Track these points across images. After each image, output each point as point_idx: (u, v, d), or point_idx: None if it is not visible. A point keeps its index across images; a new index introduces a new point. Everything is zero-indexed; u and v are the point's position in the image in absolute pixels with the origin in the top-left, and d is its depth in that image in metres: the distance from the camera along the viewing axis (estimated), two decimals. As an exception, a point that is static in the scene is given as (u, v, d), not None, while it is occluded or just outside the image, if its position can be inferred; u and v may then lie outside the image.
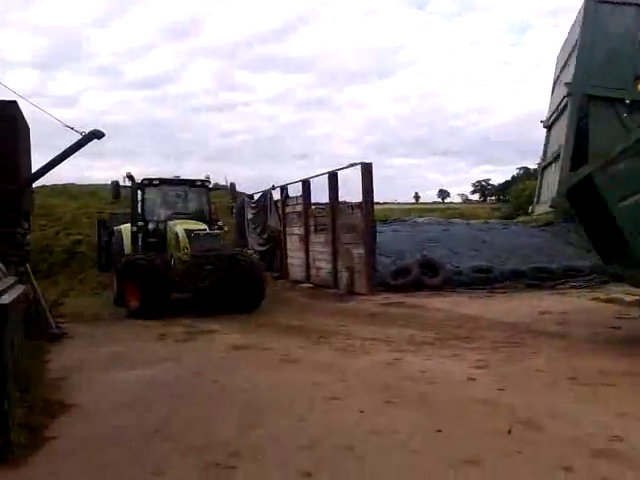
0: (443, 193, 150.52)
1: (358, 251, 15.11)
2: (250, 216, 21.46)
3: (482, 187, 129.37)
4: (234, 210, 22.66)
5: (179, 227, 12.34)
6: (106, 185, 27.80)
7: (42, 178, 8.74)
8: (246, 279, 12.18)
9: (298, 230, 18.46)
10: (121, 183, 13.03)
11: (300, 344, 8.80)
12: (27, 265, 9.55)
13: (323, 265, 17.00)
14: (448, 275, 15.97)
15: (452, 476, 4.13)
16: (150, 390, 6.36)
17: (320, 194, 17.88)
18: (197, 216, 13.30)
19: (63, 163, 8.30)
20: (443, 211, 44.55)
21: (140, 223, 12.88)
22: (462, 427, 5.07)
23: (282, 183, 19.64)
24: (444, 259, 16.87)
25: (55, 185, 26.67)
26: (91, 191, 26.25)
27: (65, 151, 8.19)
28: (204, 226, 12.64)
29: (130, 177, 12.92)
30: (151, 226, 13.03)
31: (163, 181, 13.44)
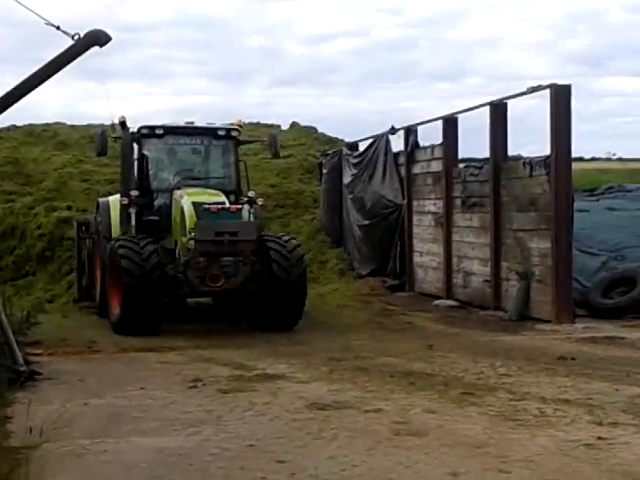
0: None
1: (540, 244, 14.95)
2: (349, 179, 21.45)
3: None
4: (324, 169, 22.84)
5: (186, 199, 13.53)
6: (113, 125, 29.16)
7: (9, 112, 9.13)
8: (278, 280, 13.43)
9: (433, 206, 18.39)
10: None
11: (429, 404, 8.83)
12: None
13: (475, 268, 16.91)
14: None
15: None
16: (173, 473, 6.53)
17: (473, 143, 17.74)
18: (220, 183, 14.88)
19: (44, 86, 8.65)
20: None
21: (134, 193, 14.20)
22: None
23: (408, 123, 19.65)
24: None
25: (32, 126, 28.07)
26: (89, 136, 27.22)
27: (47, 66, 8.51)
28: (222, 197, 13.79)
29: (122, 124, 14.42)
30: (152, 198, 14.65)
31: (170, 130, 15.06)
